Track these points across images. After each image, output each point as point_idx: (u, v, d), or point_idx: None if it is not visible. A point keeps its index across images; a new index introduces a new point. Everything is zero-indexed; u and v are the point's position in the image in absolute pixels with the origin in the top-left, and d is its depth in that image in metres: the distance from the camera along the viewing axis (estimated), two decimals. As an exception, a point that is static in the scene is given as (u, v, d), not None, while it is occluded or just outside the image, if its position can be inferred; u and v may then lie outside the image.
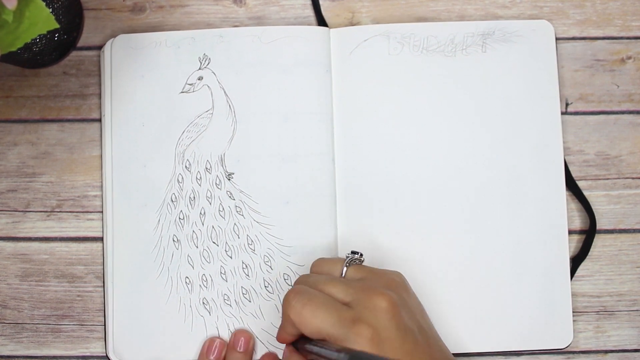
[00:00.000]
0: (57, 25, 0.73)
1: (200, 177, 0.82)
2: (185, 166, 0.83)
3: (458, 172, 0.83)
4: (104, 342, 0.83)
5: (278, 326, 0.79)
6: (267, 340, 0.81)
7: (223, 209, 0.82)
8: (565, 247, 0.82)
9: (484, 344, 0.82)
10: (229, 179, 0.82)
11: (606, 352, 0.84)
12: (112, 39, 0.84)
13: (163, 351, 0.81)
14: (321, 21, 0.86)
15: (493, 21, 0.84)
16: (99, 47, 0.85)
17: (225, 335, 0.82)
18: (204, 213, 0.82)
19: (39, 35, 0.79)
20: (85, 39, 0.86)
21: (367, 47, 0.84)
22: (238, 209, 0.82)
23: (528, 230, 0.82)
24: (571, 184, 0.84)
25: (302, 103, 0.82)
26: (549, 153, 0.83)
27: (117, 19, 0.86)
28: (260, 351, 0.81)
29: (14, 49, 0.73)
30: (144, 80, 0.83)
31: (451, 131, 0.83)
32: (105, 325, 0.83)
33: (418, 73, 0.84)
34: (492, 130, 0.83)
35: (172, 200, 0.82)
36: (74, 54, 0.85)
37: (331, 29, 0.84)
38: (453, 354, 0.81)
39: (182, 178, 0.82)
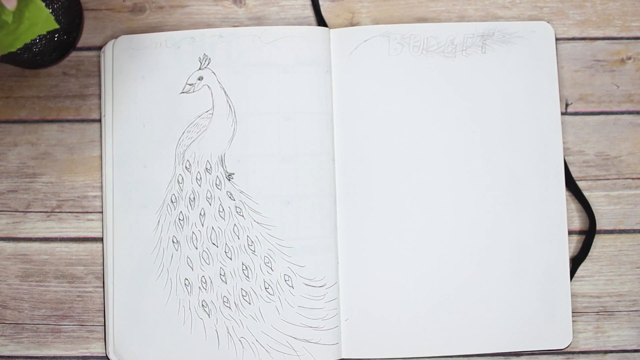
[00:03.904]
0: (57, 26, 0.73)
1: (200, 178, 0.82)
2: (186, 167, 0.83)
3: (458, 172, 0.83)
4: (103, 343, 0.83)
5: (279, 329, 0.79)
6: (267, 343, 0.81)
7: (223, 209, 0.82)
8: (565, 248, 0.82)
9: (484, 345, 0.82)
10: (229, 180, 0.82)
11: (606, 352, 0.84)
12: (113, 40, 0.84)
13: (163, 353, 0.81)
14: (321, 21, 0.86)
15: (493, 22, 0.84)
16: (99, 48, 0.85)
17: (224, 341, 0.81)
18: (204, 214, 0.82)
19: (39, 35, 0.79)
20: (85, 40, 0.86)
21: (367, 48, 0.84)
22: (238, 210, 0.82)
23: (528, 231, 0.82)
24: (571, 184, 0.84)
25: (302, 103, 0.82)
26: (548, 154, 0.83)
27: (117, 19, 0.86)
28: (261, 355, 0.81)
29: (13, 50, 0.73)
30: (144, 81, 0.83)
31: (451, 132, 0.83)
32: (105, 325, 0.83)
33: (418, 73, 0.84)
34: (491, 131, 0.83)
35: (172, 201, 0.82)
36: (73, 55, 0.85)
37: (331, 29, 0.84)
38: (453, 355, 0.81)
39: (182, 179, 0.82)
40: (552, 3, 0.86)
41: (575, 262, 0.84)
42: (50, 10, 0.80)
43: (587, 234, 0.84)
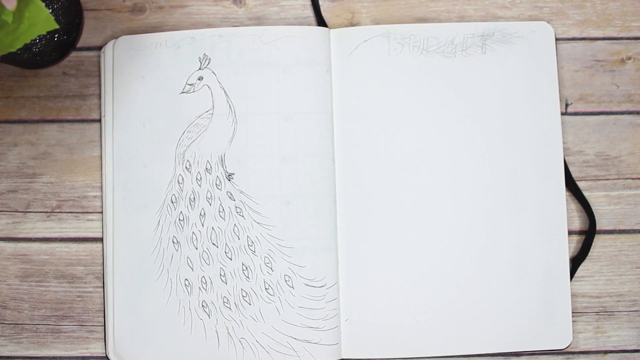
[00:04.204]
0: (57, 26, 0.73)
1: (201, 178, 0.82)
2: (186, 167, 0.83)
3: (458, 172, 0.83)
4: (103, 343, 0.83)
5: (279, 329, 0.79)
6: (267, 344, 0.81)
7: (223, 209, 0.82)
8: (565, 248, 0.82)
9: (484, 345, 0.82)
10: (229, 180, 0.82)
11: (606, 352, 0.84)
12: (113, 40, 0.84)
13: (163, 353, 0.81)
14: (321, 21, 0.86)
15: (493, 22, 0.84)
16: (99, 48, 0.85)
17: (224, 341, 0.82)
18: (204, 214, 0.82)
19: (39, 35, 0.79)
20: (85, 40, 0.86)
21: (367, 48, 0.84)
22: (238, 210, 0.82)
23: (528, 231, 0.82)
24: (571, 184, 0.84)
25: (302, 103, 0.82)
26: (548, 154, 0.83)
27: (116, 19, 0.86)
28: (261, 356, 0.81)
29: (13, 50, 0.73)
30: (144, 81, 0.83)
31: (451, 132, 0.83)
32: (105, 326, 0.83)
33: (418, 73, 0.84)
34: (491, 131, 0.83)
35: (172, 201, 0.82)
36: (73, 55, 0.85)
37: (331, 29, 0.84)
38: (453, 355, 0.81)
39: (183, 179, 0.82)
40: (552, 3, 0.86)
41: (575, 262, 0.84)
42: (50, 11, 0.80)
43: (587, 234, 0.84)
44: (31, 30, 0.72)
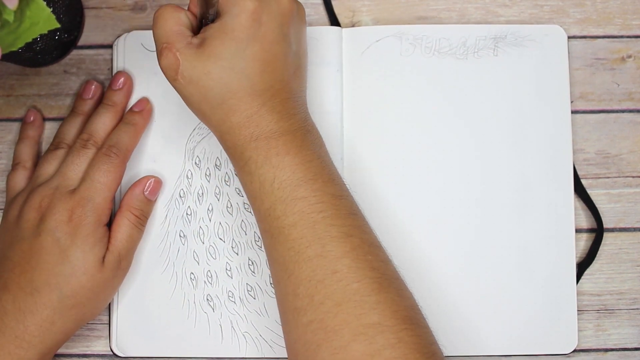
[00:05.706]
0: (58, 25, 0.73)
1: (210, 174, 0.82)
2: (195, 162, 0.82)
3: (467, 173, 0.83)
4: (107, 340, 0.83)
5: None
6: (270, 339, 0.81)
7: (231, 205, 0.82)
8: (572, 253, 0.82)
9: (487, 347, 0.81)
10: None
11: (606, 350, 0.84)
12: (125, 34, 0.84)
13: (166, 346, 0.81)
14: (334, 20, 0.85)
15: (505, 25, 0.84)
16: (100, 46, 0.85)
17: (228, 335, 0.81)
18: (212, 209, 0.82)
19: (40, 34, 0.78)
20: (86, 38, 0.86)
21: (379, 48, 0.84)
22: (246, 206, 0.82)
23: (535, 235, 0.82)
24: (579, 186, 0.83)
25: (313, 102, 0.81)
26: (558, 158, 0.83)
27: (117, 17, 0.86)
28: (264, 350, 0.81)
29: (15, 49, 0.72)
30: (156, 77, 0.83)
31: (461, 133, 0.83)
32: (109, 318, 0.82)
33: (429, 75, 0.83)
34: (501, 133, 0.83)
35: (180, 196, 0.82)
36: (74, 53, 0.85)
37: (343, 29, 0.84)
38: (457, 355, 0.80)
39: (192, 174, 0.82)
40: (552, 1, 0.86)
41: (581, 267, 0.83)
42: (51, 9, 0.80)
43: (594, 240, 0.83)
44: (32, 29, 0.72)
